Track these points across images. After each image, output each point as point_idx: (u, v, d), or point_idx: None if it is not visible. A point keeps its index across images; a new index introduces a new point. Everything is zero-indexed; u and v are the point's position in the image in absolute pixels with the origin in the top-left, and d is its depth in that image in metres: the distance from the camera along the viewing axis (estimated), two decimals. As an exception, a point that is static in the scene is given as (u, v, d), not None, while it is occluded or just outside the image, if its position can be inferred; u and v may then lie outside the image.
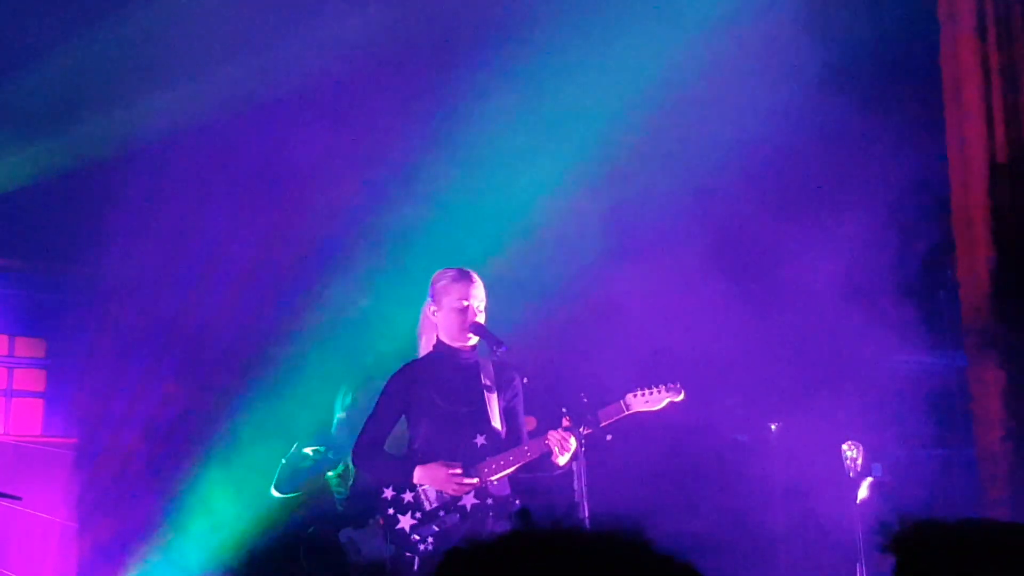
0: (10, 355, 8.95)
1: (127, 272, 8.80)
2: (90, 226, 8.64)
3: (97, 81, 8.51)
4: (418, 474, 6.45)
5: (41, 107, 8.47)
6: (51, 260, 8.92)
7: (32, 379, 9.06)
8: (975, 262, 7.52)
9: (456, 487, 6.41)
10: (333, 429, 8.62)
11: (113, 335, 8.77)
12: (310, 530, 8.29)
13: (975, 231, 7.50)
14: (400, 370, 6.70)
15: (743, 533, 7.73)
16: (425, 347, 6.74)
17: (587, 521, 5.90)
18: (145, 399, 8.71)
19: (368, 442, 6.57)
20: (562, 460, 6.30)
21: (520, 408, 6.72)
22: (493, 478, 6.46)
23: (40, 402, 9.08)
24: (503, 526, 6.43)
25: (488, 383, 6.62)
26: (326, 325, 8.53)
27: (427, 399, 6.54)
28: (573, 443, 6.28)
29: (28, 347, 9.05)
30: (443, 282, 6.66)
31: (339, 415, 8.58)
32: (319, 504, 8.30)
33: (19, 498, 7.63)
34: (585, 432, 6.27)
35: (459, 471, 6.42)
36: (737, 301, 8.01)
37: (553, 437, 6.32)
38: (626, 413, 6.46)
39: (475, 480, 6.41)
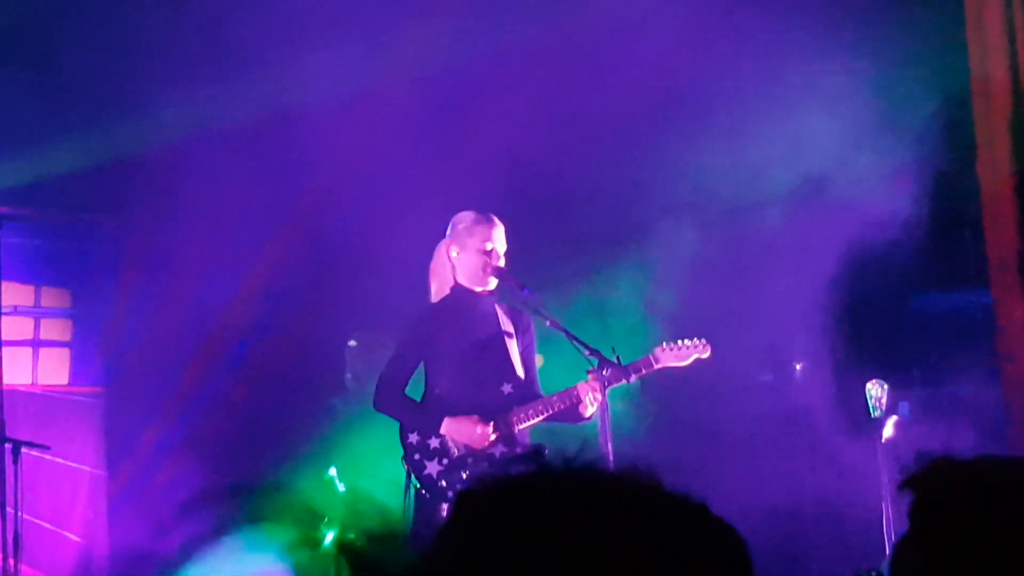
0: (36, 305, 8.98)
1: (153, 217, 8.79)
2: (115, 172, 8.60)
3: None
4: (446, 425, 6.43)
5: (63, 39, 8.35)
6: (75, 209, 8.92)
7: (58, 329, 9.09)
8: (1001, 199, 7.46)
9: (485, 443, 6.39)
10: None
11: (139, 281, 8.78)
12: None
13: (1000, 167, 7.44)
14: (419, 313, 6.66)
15: (766, 474, 7.73)
16: (438, 290, 6.65)
17: (611, 464, 5.92)
18: (173, 345, 8.73)
19: (390, 387, 6.53)
20: (590, 411, 6.29)
21: (534, 354, 6.70)
22: (521, 426, 6.46)
23: (67, 351, 9.11)
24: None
25: (508, 329, 6.58)
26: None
27: (448, 344, 6.49)
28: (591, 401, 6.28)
29: (53, 297, 9.07)
30: (465, 223, 6.58)
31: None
32: None
33: (48, 447, 7.68)
34: (612, 383, 6.25)
35: (489, 428, 6.40)
36: (759, 241, 7.98)
37: (583, 389, 6.29)
38: (655, 367, 6.45)
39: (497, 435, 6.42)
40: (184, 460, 8.49)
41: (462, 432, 6.40)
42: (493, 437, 6.39)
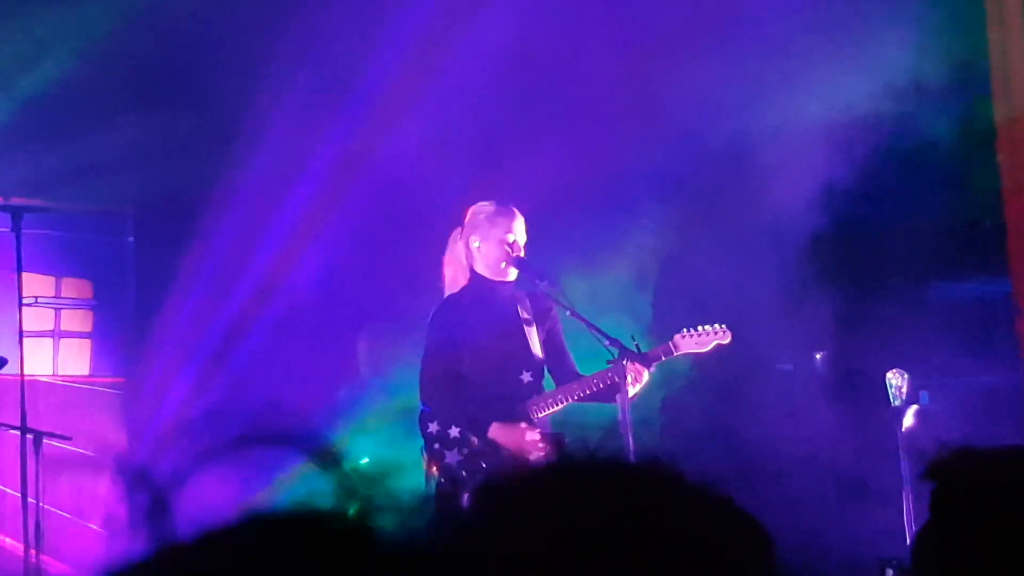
0: (57, 296, 9.01)
1: (174, 208, 8.79)
2: (137, 162, 8.61)
3: None
4: (495, 430, 6.37)
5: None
6: (96, 200, 8.94)
7: (79, 320, 9.11)
8: (1020, 188, 7.44)
9: (534, 449, 6.32)
10: None
11: (159, 272, 8.79)
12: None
13: (1020, 157, 7.42)
14: (441, 305, 6.63)
15: (786, 462, 7.73)
16: (452, 280, 6.63)
17: (631, 453, 5.90)
18: (193, 335, 8.74)
19: (434, 380, 6.44)
20: (633, 390, 6.21)
21: (561, 337, 6.65)
22: (541, 414, 6.44)
23: (88, 342, 9.14)
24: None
25: (527, 316, 6.54)
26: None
27: (468, 334, 6.47)
28: (646, 376, 6.22)
29: (74, 288, 9.09)
30: (486, 214, 6.54)
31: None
32: None
33: (69, 438, 7.70)
34: (632, 372, 6.22)
35: (537, 434, 6.34)
36: (781, 231, 7.97)
37: (627, 368, 6.16)
38: (675, 354, 6.42)
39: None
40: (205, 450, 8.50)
41: (511, 438, 6.31)
42: (545, 446, 6.33)
